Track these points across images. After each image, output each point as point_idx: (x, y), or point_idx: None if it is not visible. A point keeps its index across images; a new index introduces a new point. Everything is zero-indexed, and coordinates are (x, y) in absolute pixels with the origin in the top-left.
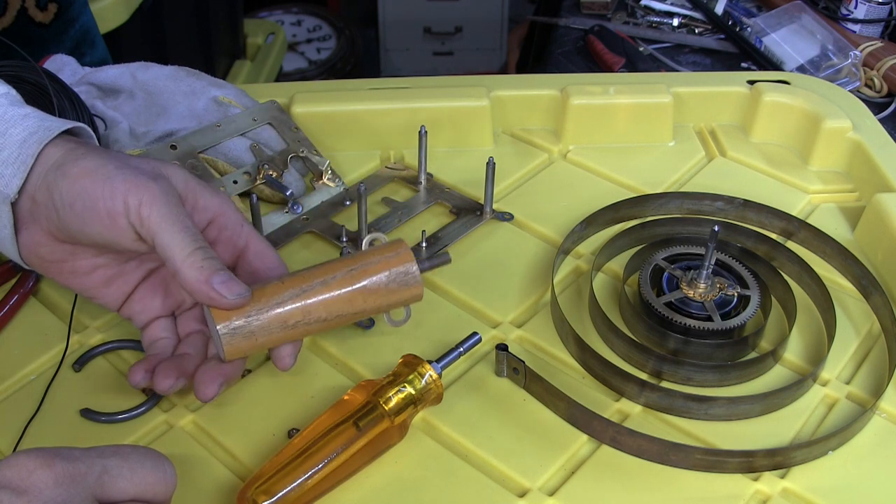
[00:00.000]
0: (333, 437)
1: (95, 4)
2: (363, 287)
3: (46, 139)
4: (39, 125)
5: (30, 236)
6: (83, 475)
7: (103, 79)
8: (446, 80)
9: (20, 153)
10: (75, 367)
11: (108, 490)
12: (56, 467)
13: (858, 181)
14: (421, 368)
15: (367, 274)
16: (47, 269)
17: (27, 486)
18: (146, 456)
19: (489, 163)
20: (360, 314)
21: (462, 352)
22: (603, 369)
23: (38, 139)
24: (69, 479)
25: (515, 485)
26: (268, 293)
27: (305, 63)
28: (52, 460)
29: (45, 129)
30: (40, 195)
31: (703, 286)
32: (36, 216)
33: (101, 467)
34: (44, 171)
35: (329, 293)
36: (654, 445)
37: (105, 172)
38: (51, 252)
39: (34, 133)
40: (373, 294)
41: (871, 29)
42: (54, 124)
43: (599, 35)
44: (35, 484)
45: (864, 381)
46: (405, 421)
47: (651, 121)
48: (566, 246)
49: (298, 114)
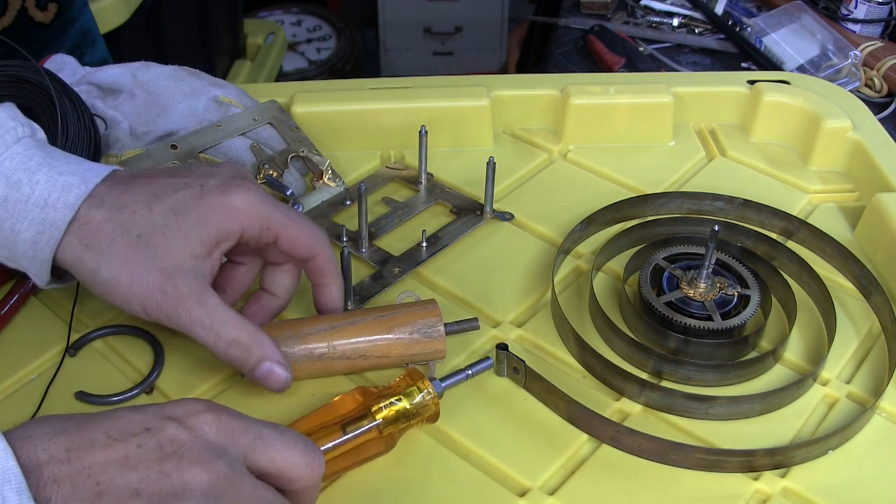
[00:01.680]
0: (318, 437)
1: (95, 4)
2: (390, 332)
3: (56, 241)
4: (43, 221)
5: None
6: (242, 432)
7: (103, 78)
8: (446, 80)
9: (35, 254)
10: (71, 351)
11: (258, 455)
12: (222, 417)
13: (858, 181)
14: (421, 385)
15: (395, 322)
16: (81, 281)
17: (193, 425)
18: (300, 438)
19: (489, 162)
20: (383, 359)
21: (470, 374)
22: (603, 369)
23: (47, 240)
24: (230, 431)
25: (515, 484)
26: (298, 325)
27: (305, 63)
28: (218, 410)
29: (50, 226)
30: (70, 255)
31: (704, 286)
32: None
33: (258, 432)
34: (73, 239)
35: (357, 335)
36: (655, 445)
37: (139, 261)
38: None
39: (41, 233)
40: (397, 342)
41: (871, 29)
42: (59, 217)
43: (599, 35)
44: (200, 425)
45: (864, 381)
46: (393, 434)
47: (651, 121)
48: (566, 246)
49: (298, 113)
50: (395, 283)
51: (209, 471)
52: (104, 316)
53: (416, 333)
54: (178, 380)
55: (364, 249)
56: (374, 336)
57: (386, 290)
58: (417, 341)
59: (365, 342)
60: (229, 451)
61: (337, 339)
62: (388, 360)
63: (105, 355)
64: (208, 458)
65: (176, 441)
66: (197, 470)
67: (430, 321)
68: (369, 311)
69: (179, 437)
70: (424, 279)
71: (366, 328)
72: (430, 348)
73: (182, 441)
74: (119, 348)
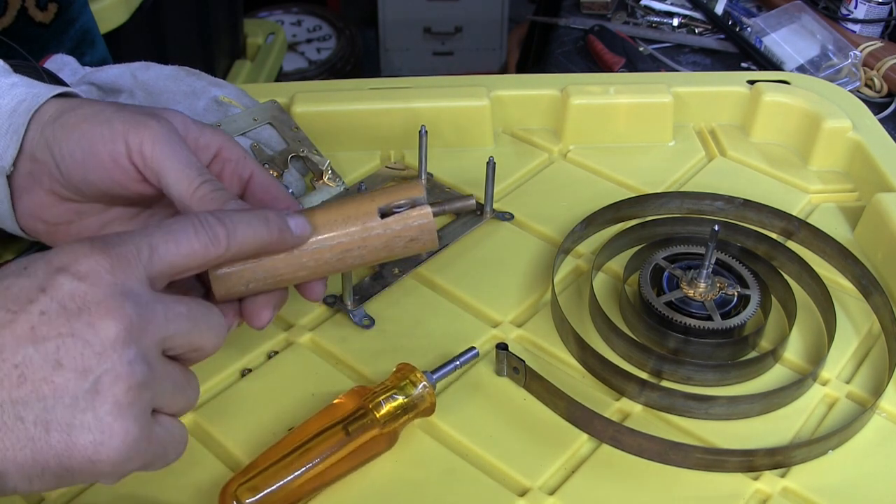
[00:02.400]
0: (322, 440)
1: (95, 4)
2: (371, 220)
3: (36, 105)
4: (28, 92)
5: (31, 200)
6: (135, 255)
7: (103, 78)
8: (446, 80)
9: (11, 123)
10: None
11: (156, 265)
12: (109, 250)
13: (858, 181)
14: (414, 378)
15: (376, 203)
16: (54, 235)
17: (86, 271)
18: (187, 227)
19: (489, 162)
20: (370, 250)
21: (458, 365)
22: (603, 368)
23: (27, 107)
24: (123, 260)
25: (516, 484)
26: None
27: (305, 63)
28: (104, 245)
29: (34, 95)
30: (40, 153)
31: (704, 286)
32: (37, 176)
33: (148, 244)
34: (40, 127)
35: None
36: (655, 444)
37: (103, 116)
38: (56, 214)
39: (23, 101)
40: (382, 234)
41: (871, 29)
42: (43, 90)
43: (599, 35)
44: (93, 268)
45: (864, 381)
46: (395, 430)
47: (651, 121)
48: (566, 245)
49: (298, 114)
50: (395, 283)
51: (121, 317)
52: None
53: (399, 213)
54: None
55: None
56: (354, 225)
57: (386, 291)
58: (403, 223)
59: (348, 245)
60: (130, 284)
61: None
62: (374, 250)
63: None
64: (115, 304)
65: (76, 296)
66: (108, 322)
67: (413, 197)
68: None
69: (77, 290)
70: (424, 279)
71: (344, 220)
72: (415, 223)
73: (82, 294)
74: None
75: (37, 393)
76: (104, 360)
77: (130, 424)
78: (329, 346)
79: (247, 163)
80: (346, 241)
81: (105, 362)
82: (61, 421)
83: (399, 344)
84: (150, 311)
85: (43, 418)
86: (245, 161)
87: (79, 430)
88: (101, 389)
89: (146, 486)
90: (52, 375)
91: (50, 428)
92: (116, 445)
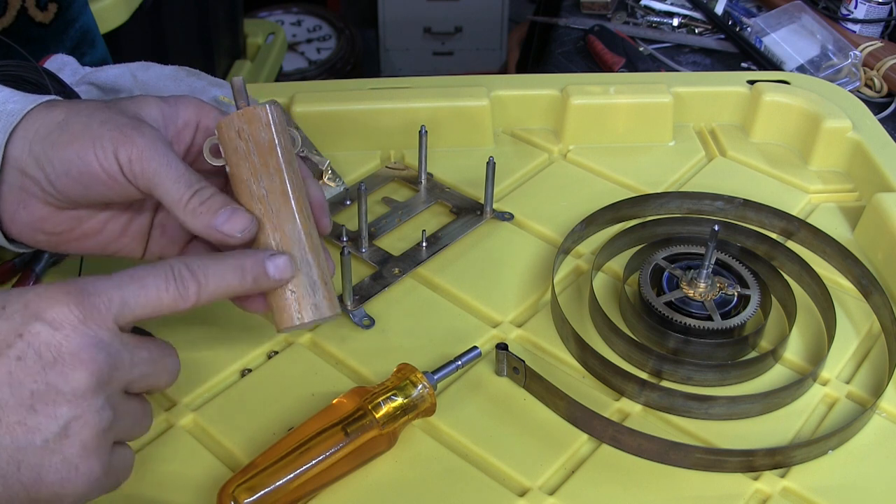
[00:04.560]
0: (321, 440)
1: (95, 4)
2: None
3: (11, 125)
4: (0, 112)
5: (28, 214)
6: (107, 306)
7: (104, 79)
8: (446, 80)
9: None
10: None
11: (127, 315)
12: (83, 299)
13: (858, 181)
14: (414, 378)
15: None
16: (57, 243)
17: (60, 319)
18: (155, 274)
19: (489, 162)
20: None
21: (460, 365)
22: (603, 369)
23: (2, 128)
24: (96, 313)
25: (516, 484)
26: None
27: (305, 63)
28: (78, 291)
29: (8, 114)
30: (30, 169)
31: (704, 286)
32: (30, 189)
33: (121, 296)
34: (26, 144)
35: None
36: (654, 445)
37: (92, 133)
38: (56, 224)
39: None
40: None
41: (871, 29)
42: (18, 106)
43: (599, 35)
44: (68, 317)
45: (864, 381)
46: (394, 430)
47: (651, 121)
48: (566, 245)
49: (298, 114)
50: (395, 283)
51: (91, 369)
52: None
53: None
54: (177, 379)
55: (364, 249)
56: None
57: (386, 291)
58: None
59: None
60: (101, 334)
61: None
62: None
63: None
64: (86, 356)
65: (51, 345)
66: (80, 373)
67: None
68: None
69: (53, 340)
70: (424, 279)
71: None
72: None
73: (57, 344)
74: None
75: (11, 434)
76: (74, 407)
77: (94, 464)
78: (329, 347)
79: None
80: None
81: (75, 409)
82: (32, 461)
83: (399, 344)
84: (118, 359)
85: (15, 458)
86: None
87: (47, 469)
88: (70, 434)
89: (146, 486)
90: (26, 419)
91: (21, 466)
92: (82, 482)
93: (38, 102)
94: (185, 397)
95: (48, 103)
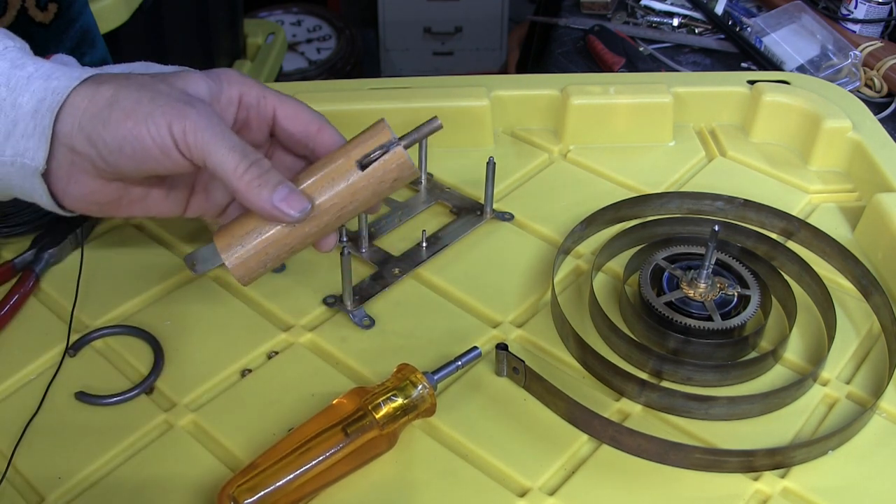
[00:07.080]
0: (321, 441)
1: (95, 4)
2: (353, 174)
3: (58, 103)
4: (46, 88)
5: (80, 188)
6: None
7: None
8: (446, 80)
9: (36, 124)
10: (70, 351)
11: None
12: None
13: (858, 181)
14: (414, 378)
15: (352, 156)
16: (106, 210)
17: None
18: None
19: (489, 162)
20: (359, 204)
21: (460, 365)
22: (603, 369)
23: (48, 106)
24: None
25: (516, 484)
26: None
27: (305, 63)
28: None
29: (53, 91)
30: (80, 146)
31: (704, 286)
32: (80, 165)
33: None
34: (75, 121)
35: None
36: (654, 445)
37: (143, 111)
38: (105, 195)
39: (43, 100)
40: (366, 185)
41: (871, 29)
42: (61, 83)
43: (599, 35)
44: None
45: (864, 381)
46: (394, 431)
47: (651, 121)
48: (566, 246)
49: None
50: (395, 283)
51: None
52: (104, 316)
53: (377, 162)
54: (177, 380)
55: (364, 249)
56: (341, 184)
57: (386, 291)
58: (381, 169)
59: (335, 195)
60: None
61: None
62: (365, 200)
63: (105, 355)
64: None
65: None
66: None
67: (382, 142)
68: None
69: None
70: (424, 279)
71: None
72: (393, 165)
73: None
74: (119, 348)
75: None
76: None
77: None
78: (329, 347)
79: (267, 102)
80: (339, 201)
81: None
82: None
83: (399, 344)
84: None
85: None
86: (265, 100)
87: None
88: None
89: (146, 486)
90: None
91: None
92: None
93: (83, 78)
94: (185, 398)
95: (94, 78)
